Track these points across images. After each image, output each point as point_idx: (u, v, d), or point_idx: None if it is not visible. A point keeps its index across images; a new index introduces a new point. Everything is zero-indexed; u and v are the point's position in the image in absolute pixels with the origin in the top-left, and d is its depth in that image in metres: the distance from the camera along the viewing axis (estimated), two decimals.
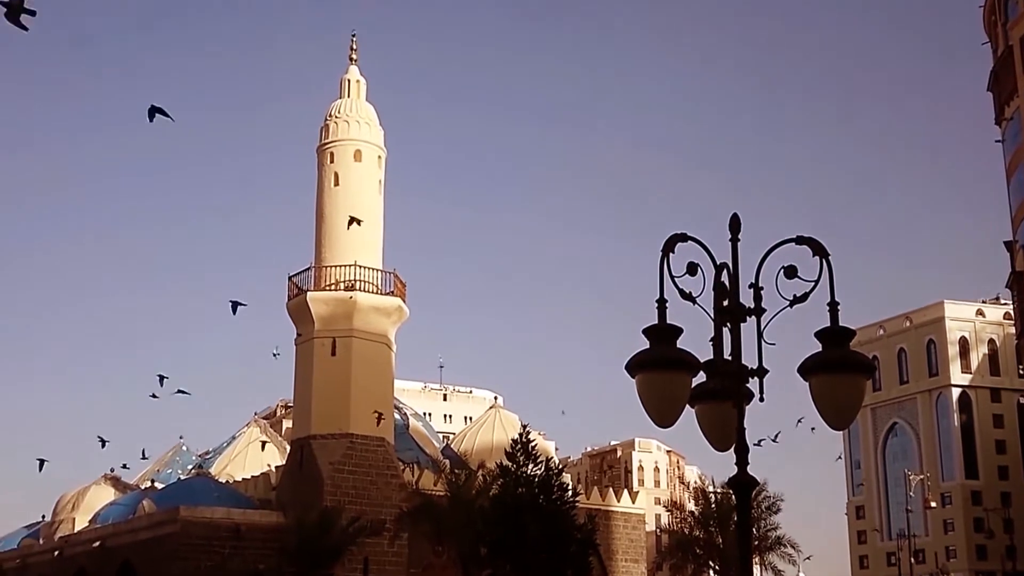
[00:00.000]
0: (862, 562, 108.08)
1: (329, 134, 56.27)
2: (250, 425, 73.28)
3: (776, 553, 51.88)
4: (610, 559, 60.14)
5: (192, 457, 73.09)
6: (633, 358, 7.31)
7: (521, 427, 33.89)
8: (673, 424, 7.43)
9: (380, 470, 52.19)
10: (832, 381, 7.39)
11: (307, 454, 51.94)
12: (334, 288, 53.60)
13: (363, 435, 51.98)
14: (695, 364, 7.41)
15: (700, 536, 52.91)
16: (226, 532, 49.15)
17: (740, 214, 8.18)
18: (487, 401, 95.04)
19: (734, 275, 7.98)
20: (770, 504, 52.03)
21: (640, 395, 7.28)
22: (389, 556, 50.60)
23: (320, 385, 52.40)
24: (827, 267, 7.79)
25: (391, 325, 54.79)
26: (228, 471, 64.55)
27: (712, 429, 7.88)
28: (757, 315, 7.95)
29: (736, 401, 7.75)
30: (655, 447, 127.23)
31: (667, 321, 7.47)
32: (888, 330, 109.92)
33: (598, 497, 62.12)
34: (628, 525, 63.15)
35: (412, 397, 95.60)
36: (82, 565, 57.03)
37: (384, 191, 56.85)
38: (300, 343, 54.17)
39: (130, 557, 52.72)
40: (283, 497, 52.52)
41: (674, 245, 7.79)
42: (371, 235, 55.46)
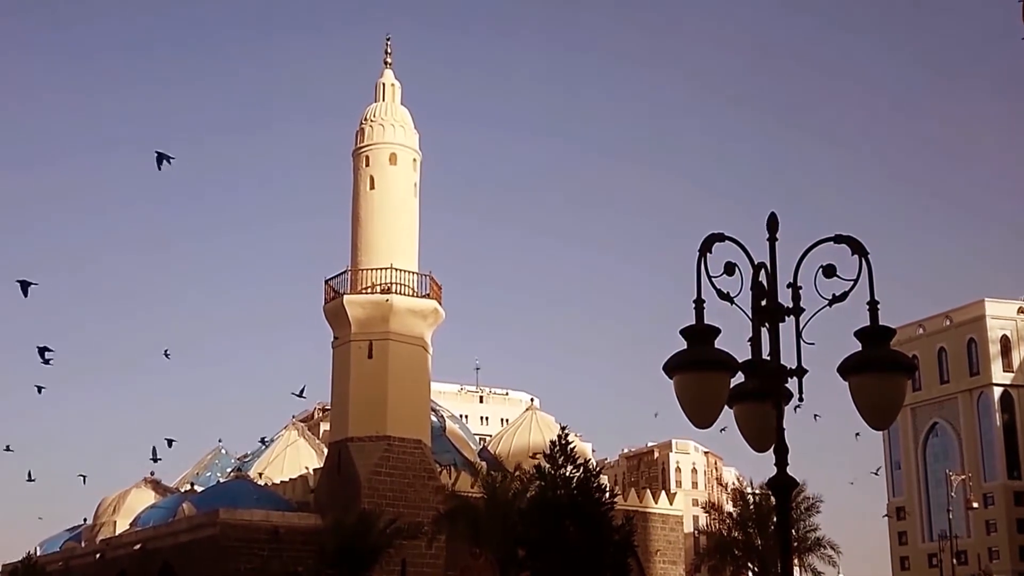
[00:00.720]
0: (903, 563, 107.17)
1: (364, 138, 56.48)
2: (288, 428, 73.68)
3: (816, 554, 51.54)
4: (648, 561, 59.95)
5: (231, 460, 73.56)
6: (671, 359, 7.28)
7: (560, 429, 33.75)
8: (711, 425, 7.39)
9: (417, 472, 52.30)
10: (872, 381, 7.32)
11: (344, 456, 52.13)
12: (370, 291, 53.77)
13: (400, 437, 52.11)
14: (733, 364, 7.37)
15: (738, 537, 52.64)
16: (265, 534, 49.41)
17: (778, 213, 8.13)
18: (523, 403, 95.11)
19: (772, 275, 7.93)
20: (809, 505, 51.71)
21: (678, 396, 7.25)
22: (427, 558, 50.67)
23: (357, 388, 52.58)
24: (866, 266, 7.72)
25: (427, 327, 54.90)
26: (267, 474, 64.90)
27: (751, 430, 7.83)
28: (796, 315, 7.89)
29: (775, 401, 7.70)
30: (692, 448, 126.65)
31: (705, 321, 7.44)
32: (928, 329, 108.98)
33: (635, 499, 61.96)
34: (666, 527, 62.95)
35: (448, 399, 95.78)
36: (123, 567, 57.49)
37: (419, 194, 57.02)
38: (337, 346, 54.39)
39: (170, 559, 53.10)
40: (321, 499, 52.74)
41: (711, 245, 7.75)
42: (407, 238, 55.63)
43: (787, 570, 8.61)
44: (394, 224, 55.16)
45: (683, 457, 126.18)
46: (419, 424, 53.71)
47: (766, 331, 7.83)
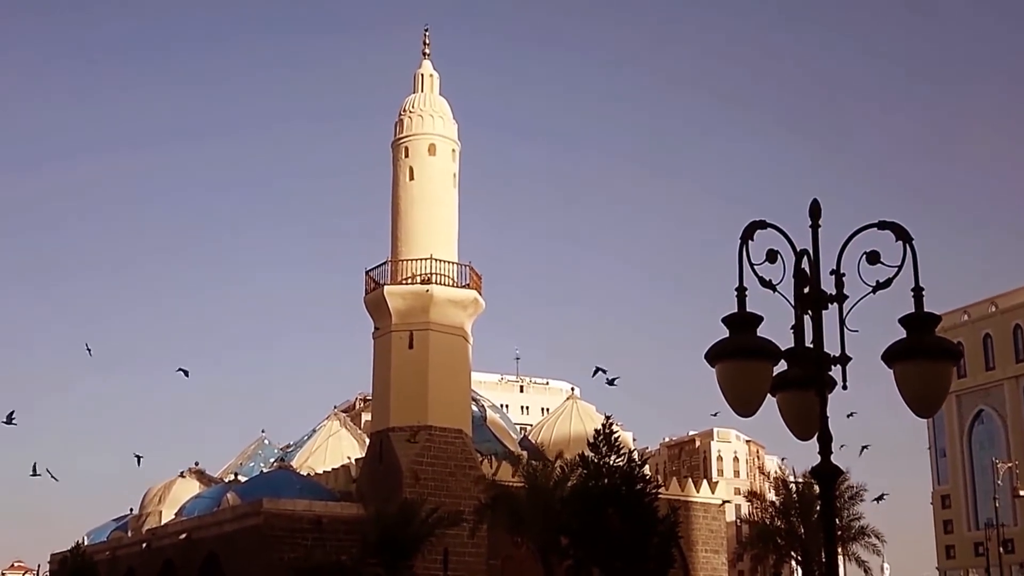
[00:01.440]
0: (948, 552, 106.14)
1: (403, 129, 56.59)
2: (330, 418, 74.10)
3: (860, 543, 51.18)
4: (690, 550, 59.83)
5: (274, 451, 74.09)
6: (713, 347, 7.24)
7: (604, 418, 33.69)
8: (754, 413, 7.34)
9: (458, 462, 52.45)
10: (917, 368, 7.23)
11: (386, 446, 52.36)
12: (410, 282, 53.92)
13: (441, 427, 52.28)
14: (776, 352, 7.31)
15: (781, 526, 52.37)
16: (308, 524, 49.76)
17: (821, 200, 8.05)
18: (564, 392, 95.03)
19: (815, 262, 7.86)
20: (853, 494, 51.34)
21: (720, 384, 7.20)
22: (468, 547, 50.83)
23: (398, 378, 52.78)
24: (910, 252, 7.63)
25: (467, 318, 54.99)
26: (309, 464, 65.33)
27: (794, 418, 7.77)
28: (839, 302, 7.82)
29: (818, 389, 7.64)
30: (734, 437, 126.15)
31: (747, 309, 7.38)
32: (973, 315, 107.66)
33: (677, 488, 61.83)
34: (708, 516, 62.79)
35: (489, 389, 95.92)
36: (169, 557, 58.11)
37: (459, 184, 57.07)
38: (378, 337, 54.60)
39: (215, 549, 53.61)
40: (363, 489, 53.02)
41: (753, 232, 7.69)
42: (446, 228, 55.73)
43: (831, 559, 8.55)
44: (434, 215, 55.26)
45: (725, 446, 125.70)
46: (460, 414, 53.86)
47: (809, 319, 7.76)
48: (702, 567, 61.14)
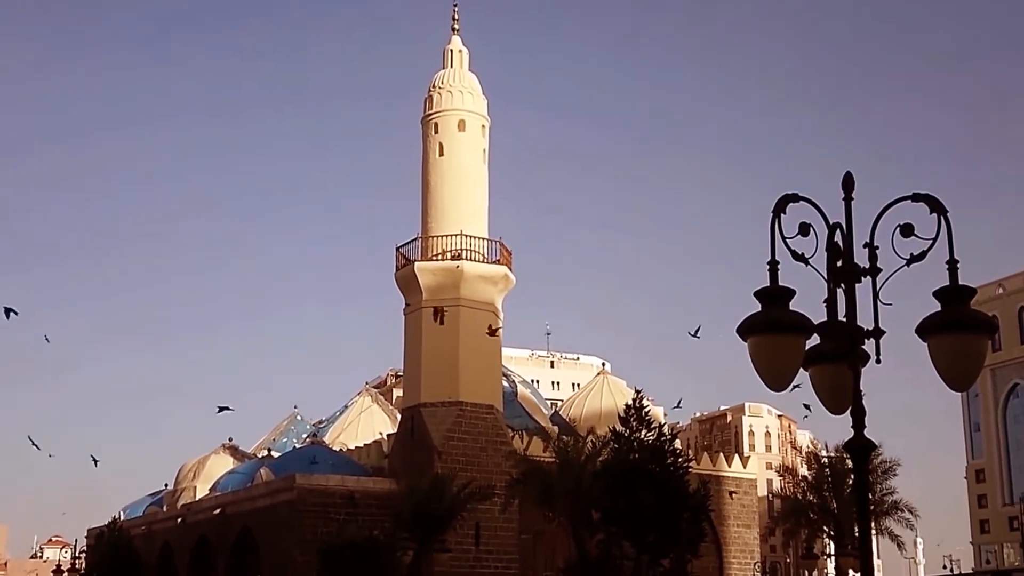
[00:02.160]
0: (983, 527, 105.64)
1: (433, 105, 56.50)
2: (361, 394, 74.40)
3: (893, 518, 50.97)
4: (722, 524, 59.81)
5: (306, 426, 74.51)
6: (745, 321, 7.19)
7: (635, 392, 33.63)
8: (787, 388, 7.30)
9: (490, 437, 52.58)
10: (952, 341, 7.17)
11: (417, 422, 52.55)
12: (441, 258, 53.97)
13: (472, 403, 52.40)
14: (808, 326, 7.26)
15: (813, 501, 52.23)
16: (341, 499, 50.06)
17: (854, 172, 7.98)
18: (594, 368, 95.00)
19: (848, 235, 7.79)
20: (887, 468, 51.08)
21: (753, 359, 7.16)
22: (500, 522, 51.03)
23: (429, 354, 52.89)
24: (945, 224, 7.55)
25: (498, 293, 55.01)
26: (341, 439, 65.66)
27: (827, 392, 7.73)
28: (872, 275, 7.76)
29: (851, 363, 7.59)
30: (766, 411, 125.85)
31: (779, 283, 7.33)
32: (1008, 288, 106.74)
33: (709, 463, 61.75)
34: (740, 490, 62.69)
35: (520, 364, 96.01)
36: (204, 532, 58.64)
37: (488, 160, 56.97)
38: (408, 313, 54.71)
39: (249, 524, 54.05)
40: (395, 464, 53.27)
41: (785, 206, 7.63)
42: (476, 204, 55.69)
43: (864, 533, 8.52)
44: (463, 191, 55.22)
45: (756, 420, 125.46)
46: (491, 389, 53.95)
47: (842, 292, 7.71)
48: (733, 542, 61.12)
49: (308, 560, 41.38)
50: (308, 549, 44.18)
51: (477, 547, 50.65)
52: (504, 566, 51.72)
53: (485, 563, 51.04)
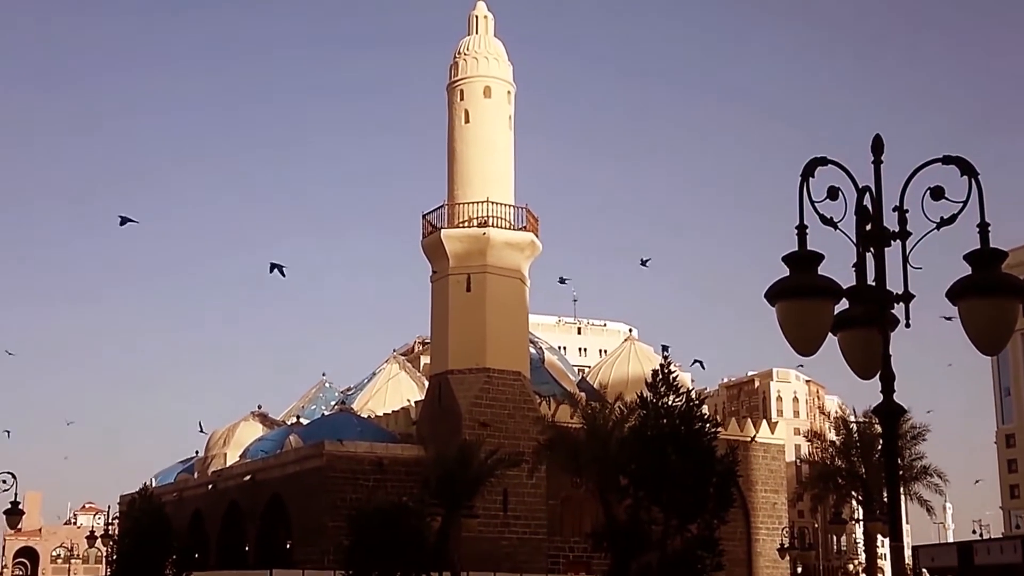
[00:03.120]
0: (1012, 492, 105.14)
1: (458, 72, 56.32)
2: (389, 361, 74.70)
3: (922, 483, 50.81)
4: (749, 490, 59.85)
5: (335, 393, 74.94)
6: (773, 286, 7.14)
7: (662, 358, 33.57)
8: (815, 352, 7.25)
9: (517, 404, 52.73)
10: (983, 305, 7.09)
11: (445, 389, 52.74)
12: (467, 225, 53.96)
13: (500, 370, 52.52)
14: (837, 290, 7.20)
15: (842, 466, 52.13)
16: (369, 465, 50.41)
17: (883, 135, 7.89)
18: (621, 334, 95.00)
19: (877, 198, 7.72)
20: (916, 433, 50.87)
21: (781, 324, 7.11)
22: (528, 488, 51.26)
23: (456, 321, 53.01)
24: (976, 187, 7.46)
25: (524, 260, 54.99)
26: (369, 406, 66.01)
27: (856, 357, 7.67)
28: (902, 239, 7.69)
29: (881, 327, 7.53)
30: (794, 377, 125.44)
31: (808, 247, 7.28)
32: None
33: (736, 428, 61.75)
34: (767, 456, 62.69)
35: (546, 331, 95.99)
36: (234, 498, 59.19)
37: (514, 126, 56.82)
38: (435, 280, 54.80)
39: (279, 490, 54.52)
40: (423, 431, 53.53)
41: (814, 169, 7.55)
42: (502, 171, 55.60)
43: (894, 499, 8.49)
44: (489, 157, 55.13)
45: (784, 386, 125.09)
46: (518, 356, 54.04)
47: (871, 256, 7.64)
48: (762, 507, 61.19)
49: (337, 526, 41.70)
50: (337, 515, 44.53)
51: (505, 512, 50.93)
52: (532, 531, 52.02)
53: (513, 528, 51.34)
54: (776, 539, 58.37)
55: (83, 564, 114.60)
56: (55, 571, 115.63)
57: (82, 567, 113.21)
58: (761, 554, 60.24)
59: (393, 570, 27.45)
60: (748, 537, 60.26)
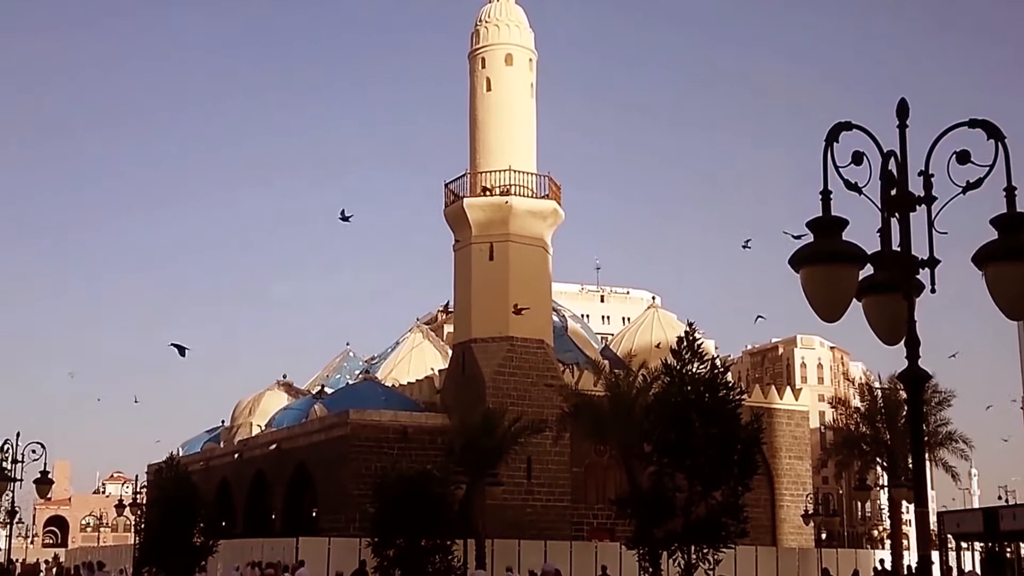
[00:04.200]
0: None
1: (480, 39, 56.08)
2: (413, 331, 74.86)
3: (947, 448, 50.71)
4: (773, 457, 59.87)
5: (359, 363, 75.20)
6: (797, 252, 7.11)
7: (687, 325, 33.44)
8: (839, 318, 7.22)
9: (540, 372, 52.82)
10: (1009, 270, 7.05)
11: (468, 358, 52.87)
12: (489, 193, 53.90)
13: (523, 338, 52.59)
14: (862, 256, 7.17)
15: (866, 432, 52.08)
16: (394, 434, 50.65)
17: (908, 99, 7.82)
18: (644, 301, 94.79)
19: (902, 163, 7.66)
20: (941, 399, 50.73)
21: (805, 290, 7.08)
22: (552, 455, 51.45)
23: (479, 290, 53.08)
24: (1003, 150, 7.40)
25: (547, 228, 54.93)
26: (393, 375, 66.22)
27: (881, 322, 7.64)
28: (927, 203, 7.64)
29: (906, 293, 7.50)
30: (818, 343, 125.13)
31: (832, 213, 7.24)
32: None
33: (760, 395, 61.69)
34: (791, 422, 62.62)
35: (570, 299, 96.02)
36: (260, 467, 59.64)
37: (536, 94, 56.59)
38: (458, 249, 54.83)
39: (304, 459, 54.88)
40: (447, 400, 53.73)
41: (838, 134, 7.50)
42: (524, 139, 55.45)
43: (919, 465, 8.47)
44: (511, 125, 54.97)
45: (808, 352, 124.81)
46: (541, 324, 54.09)
47: (896, 221, 7.60)
48: (786, 473, 61.20)
49: (363, 494, 41.90)
50: (362, 483, 44.77)
51: (529, 480, 51.14)
52: (556, 498, 52.23)
53: (537, 496, 51.57)
54: (800, 505, 58.43)
55: (112, 532, 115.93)
56: (85, 539, 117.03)
57: (111, 535, 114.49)
58: (786, 520, 60.32)
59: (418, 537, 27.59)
60: (772, 504, 60.32)
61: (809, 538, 59.09)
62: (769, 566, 50.78)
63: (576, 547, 47.21)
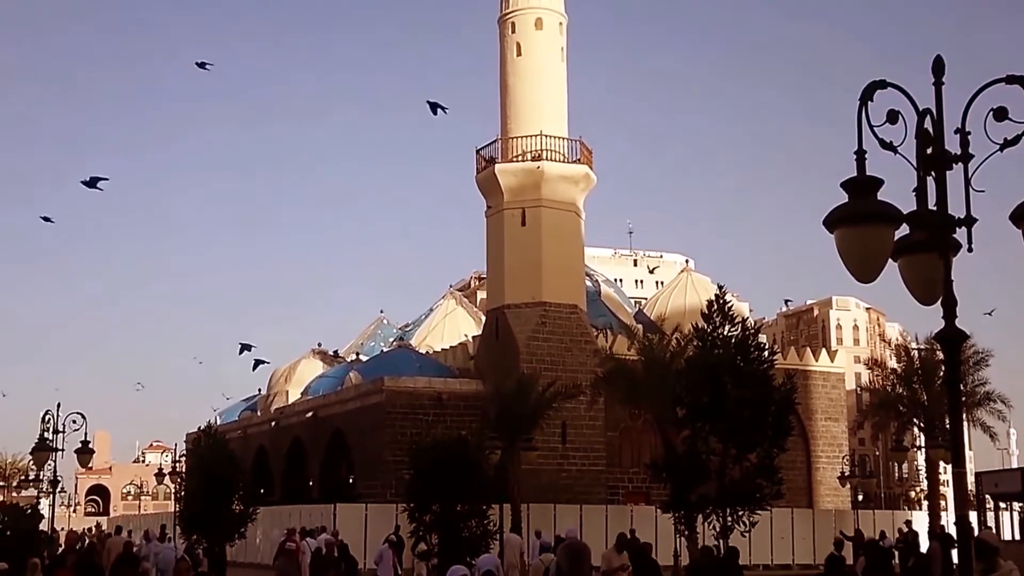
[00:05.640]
0: None
1: (509, 4, 55.76)
2: (446, 297, 75.08)
3: (985, 409, 50.37)
4: (809, 419, 59.74)
5: (393, 330, 75.55)
6: (832, 212, 7.04)
7: (717, 288, 33.28)
8: (875, 279, 7.15)
9: (574, 337, 52.85)
10: None
11: (502, 323, 52.95)
12: (521, 159, 53.77)
13: (556, 303, 52.60)
14: (897, 216, 7.08)
15: (903, 394, 51.81)
16: (428, 400, 50.90)
17: (944, 55, 7.70)
18: (678, 265, 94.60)
19: (938, 121, 7.55)
20: (979, 359, 50.33)
21: (840, 251, 7.01)
22: (586, 420, 51.55)
23: (512, 256, 53.06)
24: None
25: (579, 193, 54.77)
26: (427, 342, 66.48)
27: (917, 283, 7.56)
28: (964, 161, 7.53)
29: (942, 253, 7.41)
30: (853, 305, 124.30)
31: (867, 173, 7.15)
32: None
33: (795, 357, 61.46)
34: (827, 384, 62.40)
35: (602, 264, 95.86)
36: (297, 435, 60.13)
37: (567, 58, 56.28)
38: (490, 215, 54.78)
39: (340, 426, 55.29)
40: (480, 366, 53.88)
41: (873, 93, 7.39)
42: (555, 103, 55.20)
43: (956, 425, 8.41)
44: (542, 90, 54.73)
45: (843, 314, 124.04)
46: (574, 289, 54.06)
47: (932, 180, 7.50)
48: (822, 435, 61.06)
49: (398, 460, 42.13)
50: (398, 449, 45.01)
51: (564, 444, 51.29)
52: (591, 463, 52.38)
53: (572, 460, 51.73)
54: (836, 467, 58.27)
55: (152, 500, 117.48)
56: (126, 507, 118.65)
57: (151, 503, 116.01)
58: (821, 482, 60.24)
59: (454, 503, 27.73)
60: (808, 466, 60.25)
61: (845, 500, 58.97)
62: (805, 528, 50.77)
63: (611, 511, 47.35)
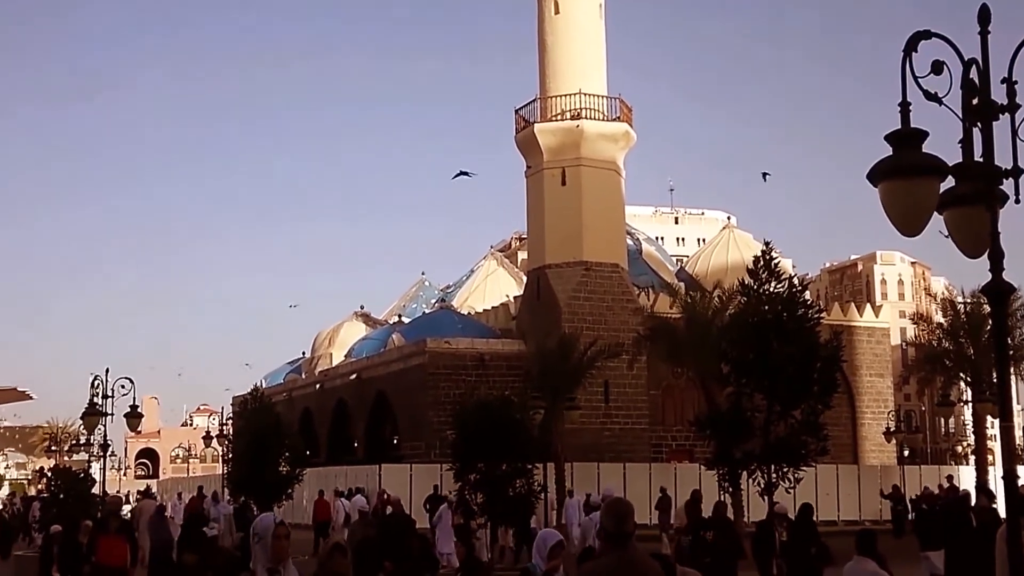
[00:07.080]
0: None
1: None
2: (487, 258, 75.14)
3: None
4: (854, 375, 59.40)
5: (434, 292, 75.78)
6: (876, 166, 6.95)
7: (764, 244, 32.97)
8: (920, 232, 7.06)
9: (616, 296, 52.78)
10: None
11: (543, 283, 52.95)
12: (560, 118, 53.52)
13: (597, 262, 52.49)
14: (943, 168, 6.98)
15: (949, 348, 51.34)
16: (471, 361, 51.10)
17: (989, 4, 7.55)
18: (719, 222, 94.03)
19: (984, 71, 7.41)
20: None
21: (884, 205, 6.93)
22: (628, 379, 51.54)
23: (552, 215, 52.95)
24: None
25: (619, 151, 54.49)
26: (469, 303, 66.64)
27: (963, 235, 7.46)
28: (1011, 111, 7.39)
29: (989, 204, 7.30)
30: (898, 259, 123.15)
31: (911, 125, 7.05)
32: None
33: (839, 313, 61.09)
34: (872, 340, 62.00)
35: (643, 222, 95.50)
36: (341, 396, 60.67)
37: (605, 15, 55.80)
38: (530, 175, 54.65)
39: (383, 387, 55.68)
40: (522, 326, 53.95)
41: (917, 43, 7.26)
42: (594, 61, 54.82)
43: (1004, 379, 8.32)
44: (580, 48, 54.34)
45: (888, 269, 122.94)
46: (615, 248, 53.92)
47: (978, 131, 7.38)
48: (867, 391, 60.75)
49: (442, 420, 42.43)
50: (441, 410, 45.33)
51: (607, 404, 51.36)
52: (634, 421, 52.45)
53: (615, 419, 51.81)
54: (882, 423, 58.00)
55: (200, 463, 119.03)
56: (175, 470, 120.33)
57: (199, 466, 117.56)
58: (867, 438, 60.00)
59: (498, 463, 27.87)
60: (853, 422, 60.00)
61: (891, 455, 58.70)
62: (851, 484, 50.61)
63: (655, 468, 47.43)
